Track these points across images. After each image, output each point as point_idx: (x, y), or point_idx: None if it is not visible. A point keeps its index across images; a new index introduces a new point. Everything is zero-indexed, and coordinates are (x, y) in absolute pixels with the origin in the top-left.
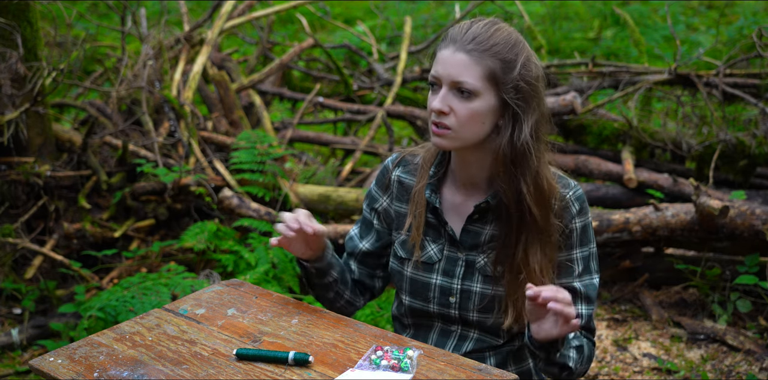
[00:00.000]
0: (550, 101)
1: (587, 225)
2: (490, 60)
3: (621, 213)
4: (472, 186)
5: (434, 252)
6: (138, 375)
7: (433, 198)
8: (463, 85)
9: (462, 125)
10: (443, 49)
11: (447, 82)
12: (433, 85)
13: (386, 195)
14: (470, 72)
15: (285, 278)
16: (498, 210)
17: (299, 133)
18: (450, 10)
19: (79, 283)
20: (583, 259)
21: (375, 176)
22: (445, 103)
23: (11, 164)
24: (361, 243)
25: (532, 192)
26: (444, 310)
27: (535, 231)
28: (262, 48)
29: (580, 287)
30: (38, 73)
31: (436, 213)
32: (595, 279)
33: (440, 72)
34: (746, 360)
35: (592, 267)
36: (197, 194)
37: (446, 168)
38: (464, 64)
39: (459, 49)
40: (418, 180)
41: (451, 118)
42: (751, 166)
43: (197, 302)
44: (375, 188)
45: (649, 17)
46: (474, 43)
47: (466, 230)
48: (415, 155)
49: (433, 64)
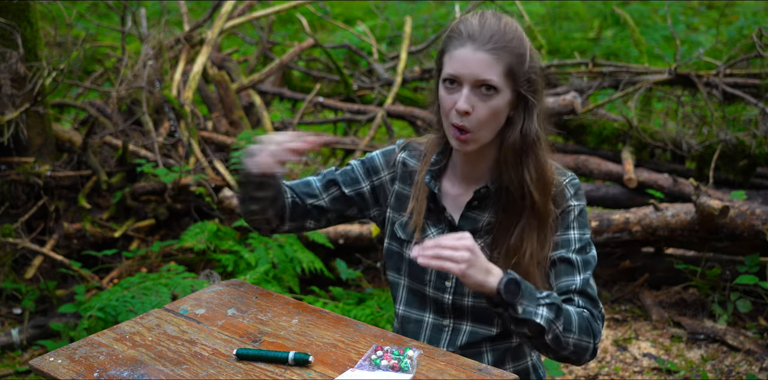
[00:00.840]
0: (549, 101)
1: (584, 210)
2: (508, 56)
3: (621, 213)
4: (473, 177)
5: (434, 235)
6: (138, 375)
7: (432, 185)
8: (487, 82)
9: (482, 125)
10: (460, 48)
11: (470, 81)
12: (450, 83)
13: (389, 172)
14: (493, 70)
15: (285, 278)
16: (498, 196)
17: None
18: (450, 10)
19: (79, 283)
20: (581, 240)
21: (380, 148)
22: (470, 103)
23: (11, 164)
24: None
25: (535, 179)
26: (438, 295)
27: (533, 218)
28: (262, 48)
29: (576, 257)
30: (38, 73)
31: (435, 199)
32: (591, 256)
33: (462, 71)
34: (746, 360)
35: (589, 247)
36: (197, 194)
37: (447, 159)
38: (487, 62)
39: (479, 48)
40: (421, 165)
41: (472, 118)
42: (752, 165)
43: (197, 302)
44: (380, 159)
45: (649, 17)
46: (493, 41)
47: (465, 216)
48: (420, 143)
49: (448, 63)
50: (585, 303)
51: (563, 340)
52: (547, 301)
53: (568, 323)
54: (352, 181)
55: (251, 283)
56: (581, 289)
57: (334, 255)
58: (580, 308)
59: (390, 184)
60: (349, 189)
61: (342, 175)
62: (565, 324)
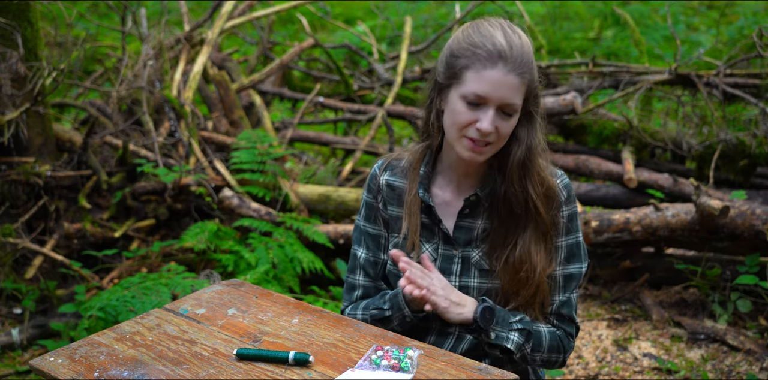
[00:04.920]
0: (550, 101)
1: (573, 214)
2: (529, 79)
3: (621, 213)
4: (465, 183)
5: (429, 253)
6: (138, 375)
7: (426, 198)
8: (512, 106)
9: (501, 140)
10: (490, 68)
11: (497, 103)
12: (472, 101)
13: (379, 200)
14: (519, 94)
15: (285, 278)
16: (490, 201)
17: (299, 132)
18: (450, 10)
19: (80, 283)
20: (568, 247)
21: (365, 185)
22: (494, 124)
23: (11, 164)
24: (381, 256)
25: (541, 193)
26: None
27: (538, 229)
28: (263, 48)
29: (558, 275)
30: (38, 72)
31: (430, 211)
32: (576, 268)
33: (492, 94)
34: (746, 360)
35: (577, 255)
36: (197, 194)
37: (434, 167)
38: (516, 86)
39: (511, 71)
40: (410, 182)
41: (494, 135)
42: (752, 165)
43: (197, 302)
44: (368, 197)
45: (649, 17)
46: (522, 64)
47: (459, 226)
48: (400, 159)
49: (474, 81)
50: (560, 323)
51: (530, 358)
52: (519, 327)
53: (538, 344)
54: (376, 238)
55: (251, 283)
56: (557, 311)
57: (334, 255)
58: (554, 327)
59: (384, 210)
60: (385, 245)
61: (370, 244)
62: (534, 345)
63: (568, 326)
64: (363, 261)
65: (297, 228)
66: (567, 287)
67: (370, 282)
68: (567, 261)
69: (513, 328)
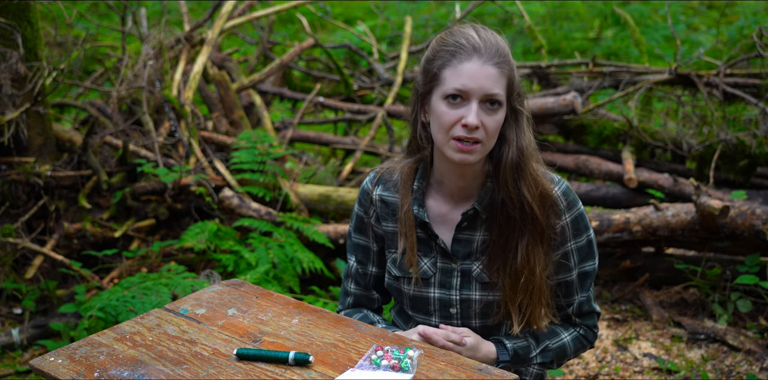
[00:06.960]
0: (550, 101)
1: (577, 217)
2: (508, 70)
3: (621, 213)
4: (460, 194)
5: (428, 267)
6: (138, 375)
7: (421, 213)
8: (494, 97)
9: (490, 138)
10: (466, 62)
11: (479, 95)
12: (454, 98)
13: (371, 215)
14: (499, 85)
15: (285, 278)
16: (489, 213)
17: (300, 132)
18: (450, 10)
19: (80, 283)
20: (579, 250)
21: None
22: (479, 118)
23: (12, 164)
24: (369, 269)
25: (536, 195)
26: (446, 321)
27: (535, 233)
28: (263, 48)
29: (575, 278)
30: (39, 72)
31: (426, 227)
32: (590, 266)
33: (471, 85)
34: (747, 360)
35: (589, 254)
36: (198, 194)
37: (428, 179)
38: (495, 76)
39: (487, 61)
40: (403, 198)
41: (481, 131)
42: (752, 165)
43: (198, 302)
44: (359, 210)
45: (649, 17)
46: (498, 55)
47: (457, 239)
48: (391, 172)
49: (452, 77)
50: (582, 320)
51: (558, 365)
52: (539, 360)
53: (563, 356)
54: (365, 250)
55: (251, 283)
56: (578, 311)
57: (334, 255)
58: (576, 326)
59: (378, 225)
60: (373, 258)
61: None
62: (558, 358)
63: (590, 319)
64: (353, 271)
65: (297, 228)
66: (584, 285)
67: (360, 291)
68: (581, 262)
69: (534, 362)
